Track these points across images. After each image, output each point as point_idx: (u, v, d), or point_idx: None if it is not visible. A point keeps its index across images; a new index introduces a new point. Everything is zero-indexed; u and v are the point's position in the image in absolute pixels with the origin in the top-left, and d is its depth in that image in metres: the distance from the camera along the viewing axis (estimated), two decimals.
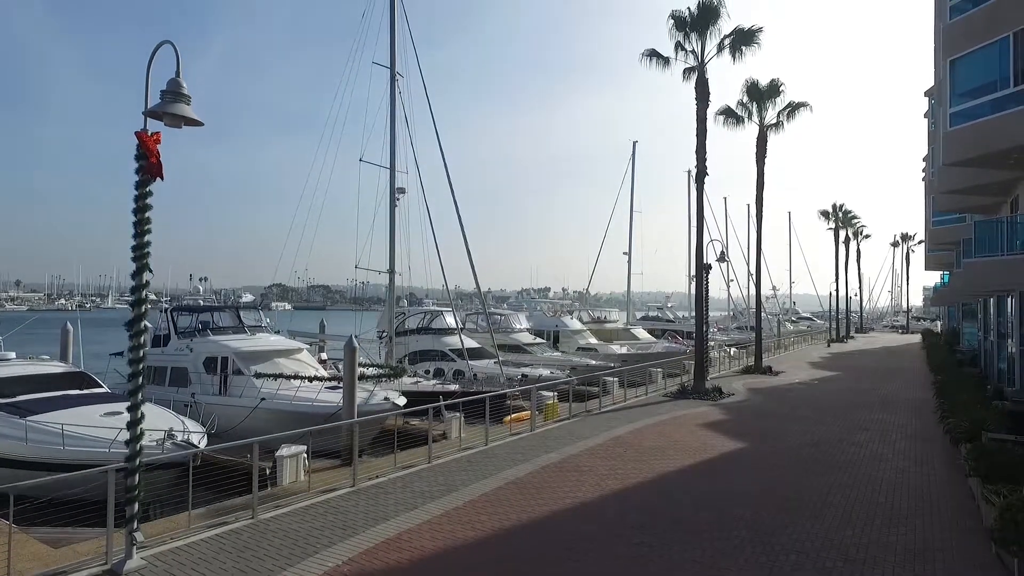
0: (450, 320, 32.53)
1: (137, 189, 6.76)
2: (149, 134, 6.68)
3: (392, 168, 27.52)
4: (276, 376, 19.72)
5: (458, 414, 20.01)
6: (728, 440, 13.73)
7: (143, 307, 6.92)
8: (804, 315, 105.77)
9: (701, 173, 20.97)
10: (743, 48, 20.81)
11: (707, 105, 20.96)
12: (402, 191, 28.10)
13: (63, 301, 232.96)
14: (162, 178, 6.85)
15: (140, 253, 6.81)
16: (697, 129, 20.93)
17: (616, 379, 29.45)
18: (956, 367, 23.74)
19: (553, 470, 11.15)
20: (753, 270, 64.43)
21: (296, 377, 19.47)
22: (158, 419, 15.24)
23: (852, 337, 58.80)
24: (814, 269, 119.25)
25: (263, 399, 19.31)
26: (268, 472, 15.53)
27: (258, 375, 20.01)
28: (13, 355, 19.69)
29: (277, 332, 31.84)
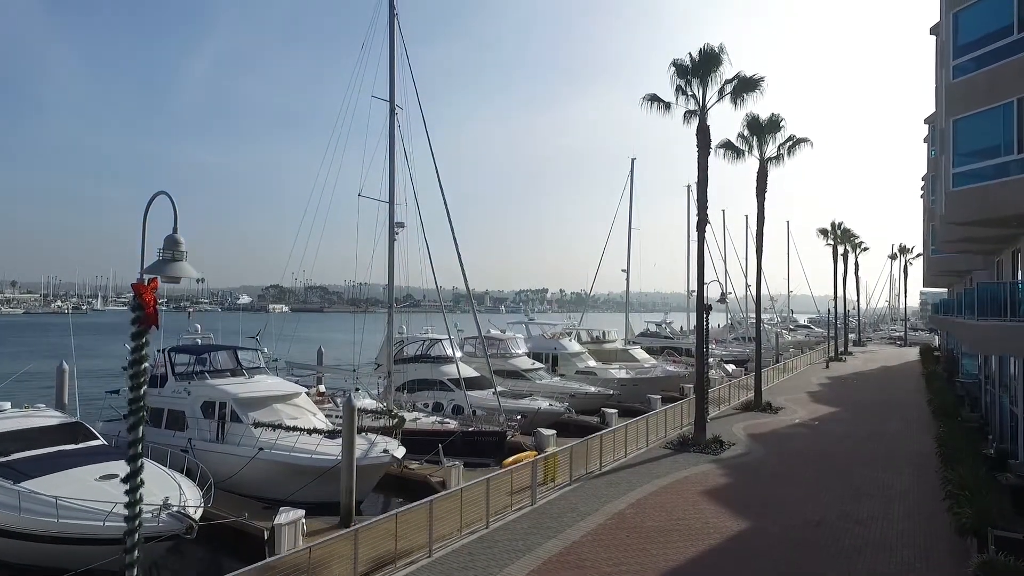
0: (448, 350, 32.34)
1: (134, 340, 6.61)
2: (146, 282, 6.54)
3: (391, 203, 27.45)
4: (275, 427, 19.57)
5: (458, 462, 20.01)
6: (730, 517, 13.63)
7: (138, 462, 6.77)
8: (802, 323, 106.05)
9: (702, 221, 20.81)
10: (744, 95, 20.68)
11: (708, 152, 20.83)
12: (401, 225, 28.02)
13: (59, 303, 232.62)
14: (157, 327, 6.73)
15: (136, 407, 6.66)
16: (698, 177, 20.80)
17: (616, 411, 29.53)
18: (955, 407, 23.68)
19: (555, 566, 11.02)
20: (752, 282, 64.17)
21: (295, 429, 19.31)
22: (154, 483, 15.03)
23: (850, 353, 58.78)
24: (810, 270, 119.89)
25: (261, 449, 19.19)
26: (266, 536, 15.45)
27: (256, 424, 19.86)
28: (8, 405, 19.53)
29: (275, 360, 31.79)
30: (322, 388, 30.12)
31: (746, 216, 72.92)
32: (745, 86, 20.57)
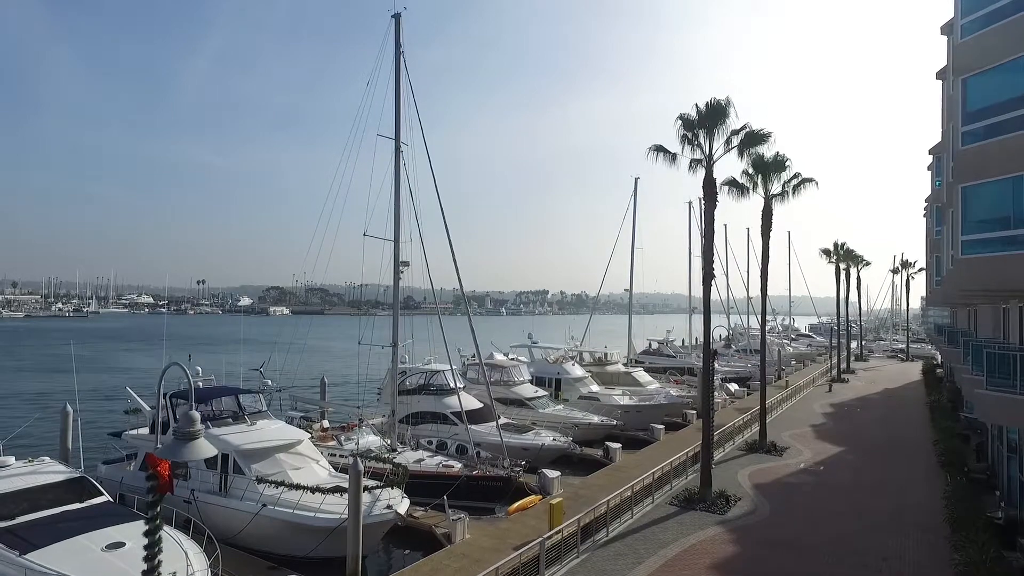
0: (451, 381, 32.07)
1: (149, 509, 6.56)
2: (159, 457, 6.49)
3: (396, 242, 27.49)
4: (278, 484, 19.51)
5: (463, 514, 19.95)
6: None
7: None
8: (803, 332, 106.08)
9: (708, 276, 20.69)
10: (751, 149, 20.57)
11: (715, 205, 20.68)
12: (406, 264, 28.07)
13: (60, 306, 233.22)
14: (172, 493, 6.69)
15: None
16: (704, 230, 20.69)
17: (619, 446, 29.40)
18: (962, 455, 23.71)
19: None
20: (753, 294, 63.69)
21: (298, 487, 19.23)
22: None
23: (852, 372, 58.74)
24: (808, 271, 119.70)
25: (264, 505, 19.19)
26: None
27: (260, 480, 19.83)
28: (12, 459, 19.43)
29: (279, 389, 31.66)
30: (326, 424, 30.06)
31: (747, 229, 72.94)
32: (752, 140, 20.47)
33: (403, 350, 31.33)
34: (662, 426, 34.43)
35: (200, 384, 25.38)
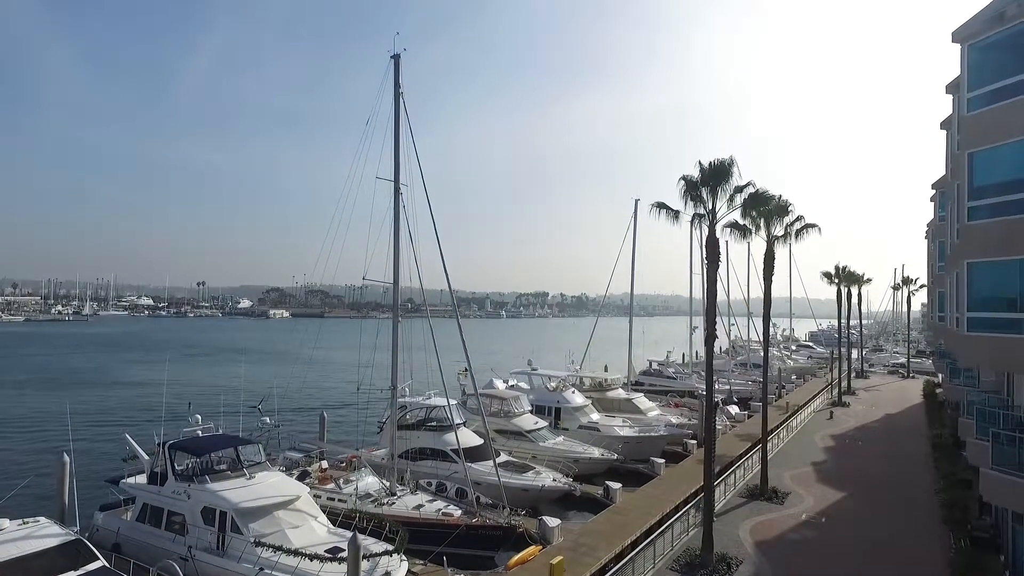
0: (451, 416, 31.85)
1: None
2: None
3: (396, 283, 27.40)
4: (277, 548, 19.35)
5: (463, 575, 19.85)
6: None
7: None
8: (803, 342, 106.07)
9: (711, 337, 20.45)
10: (754, 208, 20.37)
11: (717, 266, 20.44)
12: (407, 302, 27.99)
13: (60, 308, 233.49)
14: None
15: None
16: (707, 290, 20.46)
17: (620, 486, 29.25)
18: (965, 510, 23.54)
19: None
20: (754, 307, 63.52)
21: (297, 553, 19.08)
22: None
23: (853, 393, 58.56)
24: (806, 274, 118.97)
25: (262, 569, 19.08)
26: None
27: (258, 543, 19.67)
28: (7, 522, 19.33)
29: (277, 426, 31.43)
30: (324, 464, 29.88)
31: (748, 243, 72.72)
32: (755, 202, 20.25)
33: (403, 387, 31.16)
34: (662, 460, 34.26)
35: (199, 432, 25.17)
